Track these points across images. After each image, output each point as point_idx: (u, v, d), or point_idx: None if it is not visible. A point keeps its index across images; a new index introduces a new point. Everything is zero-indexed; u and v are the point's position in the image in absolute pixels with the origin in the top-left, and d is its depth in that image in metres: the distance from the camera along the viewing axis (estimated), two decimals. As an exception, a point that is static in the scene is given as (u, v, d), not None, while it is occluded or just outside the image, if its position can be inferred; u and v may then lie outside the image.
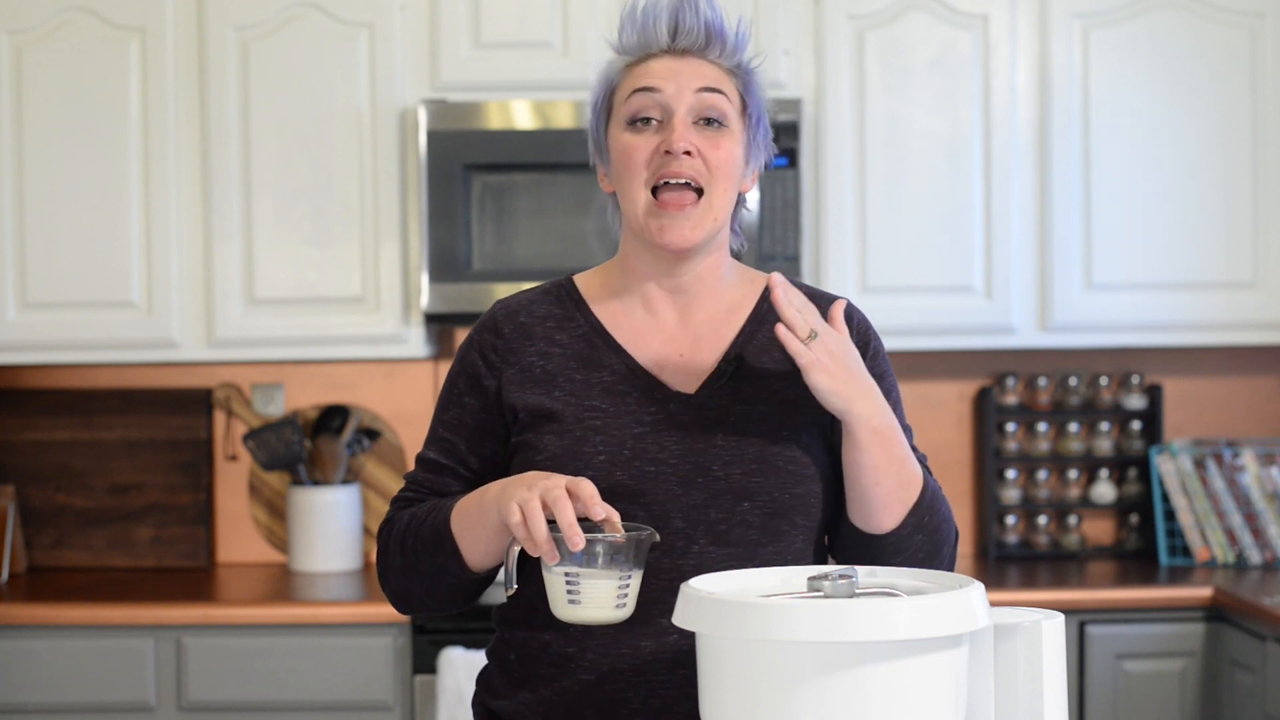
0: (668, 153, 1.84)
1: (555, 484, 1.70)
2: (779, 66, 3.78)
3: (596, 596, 1.70)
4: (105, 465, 4.11)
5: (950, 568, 1.90)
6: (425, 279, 3.70)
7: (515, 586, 1.76)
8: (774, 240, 3.69)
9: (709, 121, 1.87)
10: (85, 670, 3.56)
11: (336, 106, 3.77)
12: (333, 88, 3.77)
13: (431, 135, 3.69)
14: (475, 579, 1.88)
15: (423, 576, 1.90)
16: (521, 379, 1.91)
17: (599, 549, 1.69)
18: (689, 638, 1.80)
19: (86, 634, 3.56)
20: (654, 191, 1.86)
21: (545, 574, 1.72)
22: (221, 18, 3.77)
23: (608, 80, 1.92)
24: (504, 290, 3.69)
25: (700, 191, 1.86)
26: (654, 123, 1.87)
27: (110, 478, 4.11)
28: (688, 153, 1.84)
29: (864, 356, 1.92)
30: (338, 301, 3.79)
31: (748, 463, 1.85)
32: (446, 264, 3.70)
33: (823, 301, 1.97)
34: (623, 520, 1.73)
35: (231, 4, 3.77)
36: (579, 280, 1.99)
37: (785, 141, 3.70)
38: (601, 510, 1.69)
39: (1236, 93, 3.83)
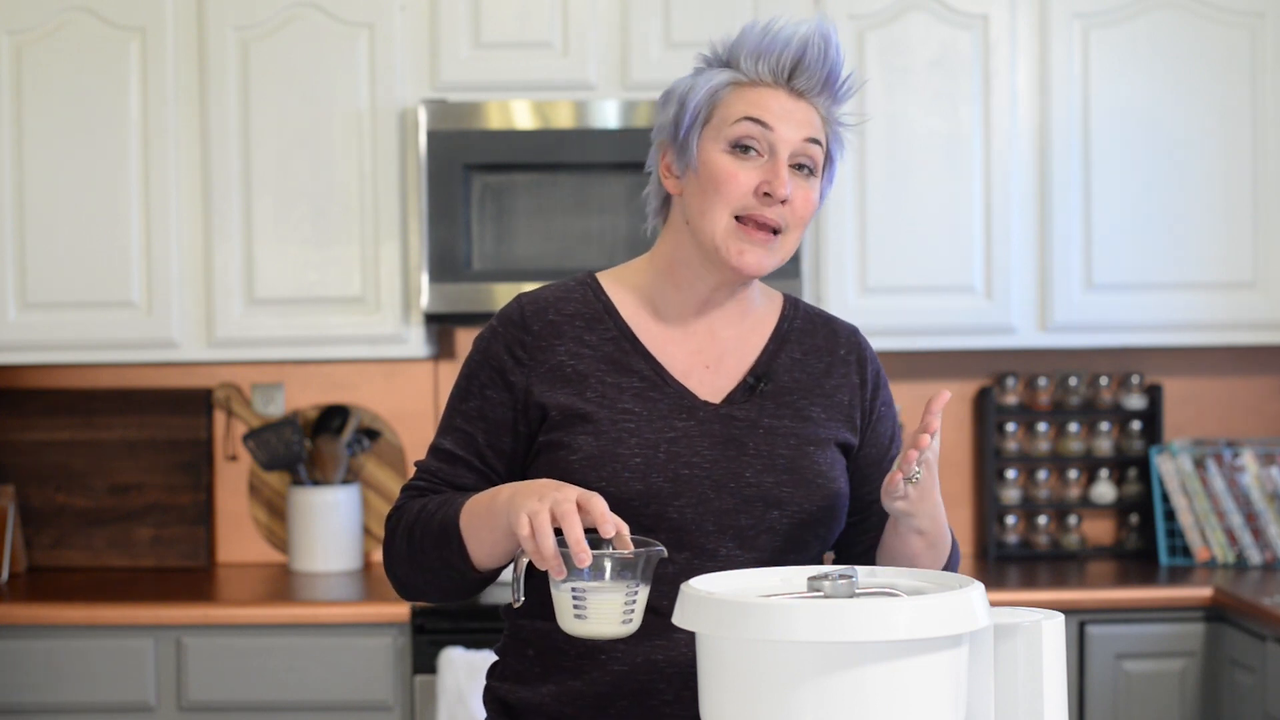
0: (767, 194, 1.86)
1: (566, 497, 1.70)
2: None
3: (603, 612, 1.70)
4: (105, 465, 4.12)
5: None
6: (425, 279, 3.70)
7: (521, 599, 1.76)
8: (774, 240, 3.69)
9: (800, 167, 1.89)
10: (85, 670, 3.56)
11: (336, 106, 3.77)
12: (333, 88, 3.77)
13: (431, 135, 3.69)
14: (480, 577, 1.88)
15: (427, 569, 1.89)
16: (552, 377, 1.91)
17: (606, 564, 1.69)
18: None
19: (86, 634, 3.56)
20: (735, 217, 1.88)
21: (552, 588, 1.72)
22: (221, 18, 3.77)
23: (713, 92, 1.90)
24: (504, 290, 3.69)
25: (778, 231, 1.88)
26: (753, 153, 1.87)
27: (110, 478, 4.11)
28: (784, 200, 1.86)
29: (877, 391, 2.00)
30: (338, 301, 3.79)
31: (779, 473, 1.89)
32: (446, 264, 3.70)
33: (835, 325, 2.02)
34: (633, 533, 1.73)
35: (231, 4, 3.77)
36: (604, 280, 1.98)
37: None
38: (611, 527, 1.69)
39: (1236, 93, 3.83)
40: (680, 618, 1.55)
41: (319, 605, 3.58)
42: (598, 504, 1.70)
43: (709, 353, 1.94)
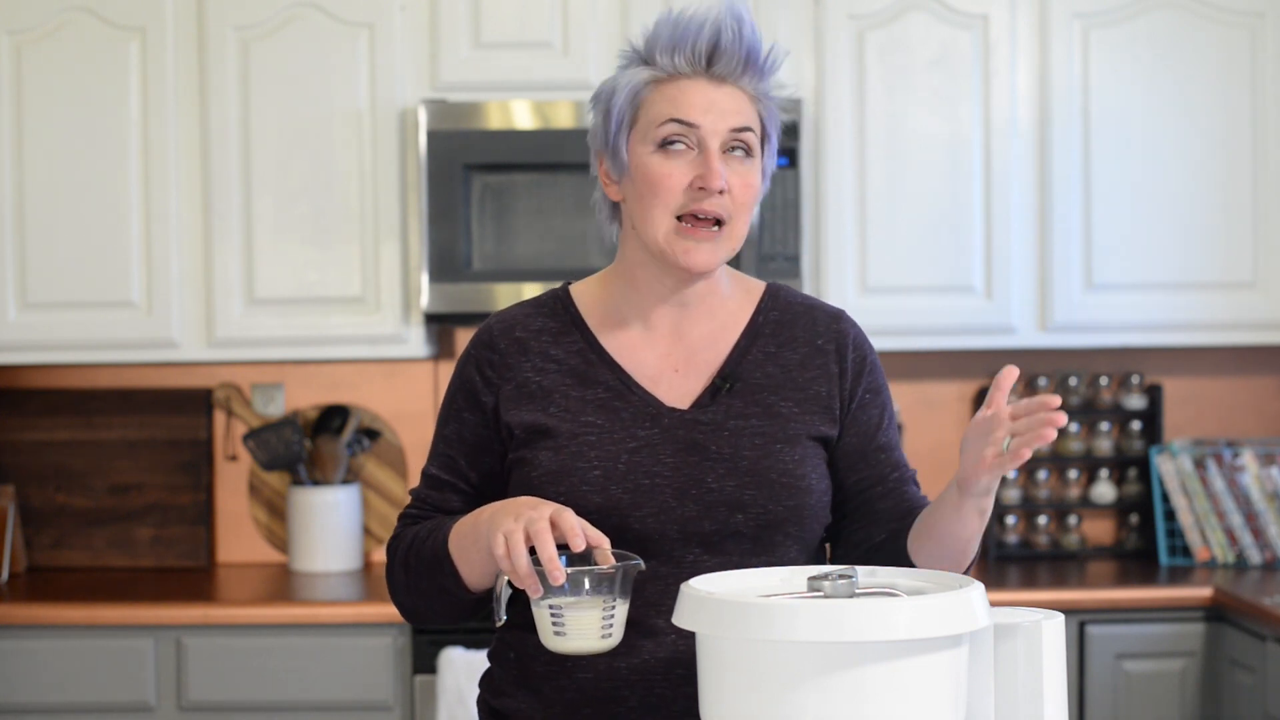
0: (702, 188, 1.83)
1: (539, 515, 1.71)
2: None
3: (581, 627, 1.71)
4: (105, 465, 4.11)
5: None
6: (425, 279, 3.70)
7: (504, 618, 1.78)
8: (774, 240, 3.69)
9: (733, 149, 1.86)
10: (85, 670, 3.56)
11: (336, 106, 3.77)
12: (333, 88, 3.77)
13: (431, 135, 3.69)
14: (476, 598, 1.90)
15: (426, 595, 1.92)
16: (517, 395, 1.92)
17: (582, 580, 1.70)
18: (686, 639, 1.82)
19: (86, 634, 3.56)
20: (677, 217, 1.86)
21: (532, 606, 1.73)
22: (221, 18, 3.77)
23: (634, 93, 1.88)
24: (504, 290, 3.69)
25: (722, 221, 1.86)
26: (683, 147, 1.85)
27: (110, 478, 4.11)
28: (721, 190, 1.83)
29: (862, 372, 1.95)
30: (338, 301, 3.79)
31: (741, 475, 1.87)
32: (446, 264, 3.70)
33: (816, 314, 1.98)
34: (613, 547, 1.74)
35: (231, 4, 3.77)
36: (575, 291, 1.98)
37: (785, 141, 3.69)
38: (581, 541, 1.70)
39: (1237, 93, 3.83)
40: (680, 618, 1.55)
41: (319, 605, 3.58)
42: (567, 519, 1.71)
43: (678, 356, 1.93)
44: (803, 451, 1.89)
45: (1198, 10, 3.82)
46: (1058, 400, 1.65)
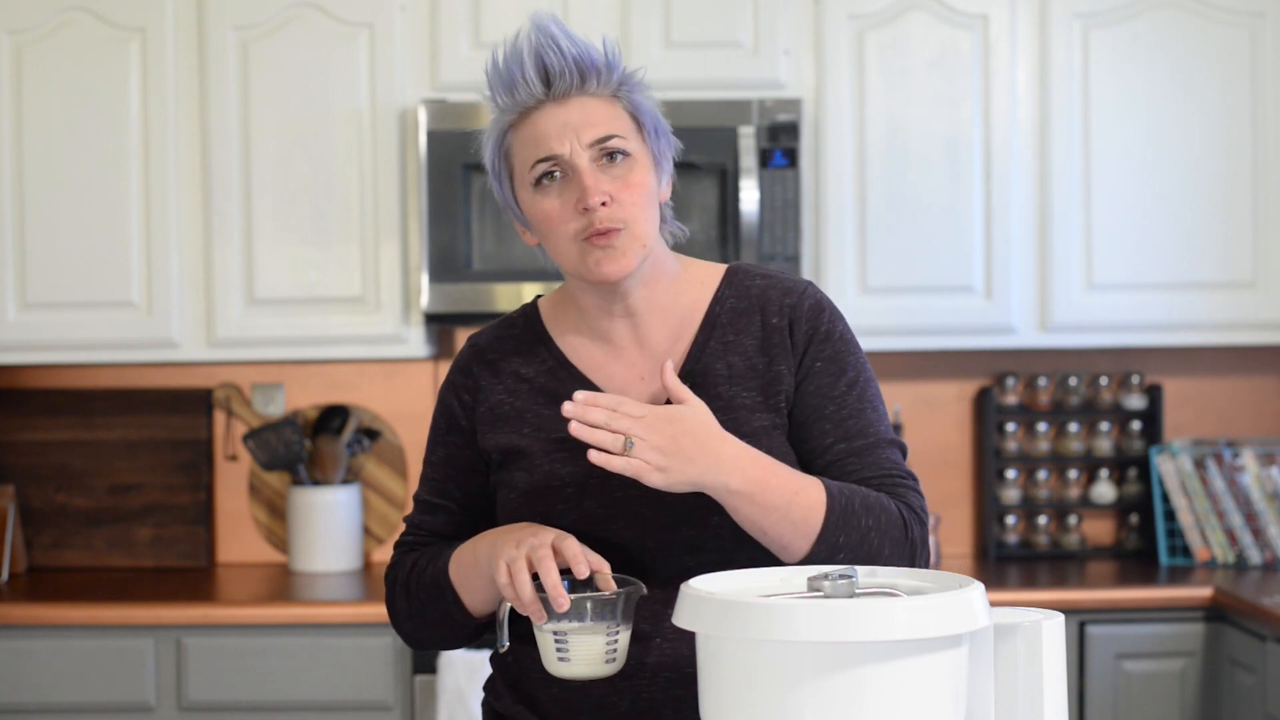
0: (585, 209, 1.82)
1: (541, 542, 1.73)
2: (779, 66, 3.78)
3: (585, 653, 1.72)
4: (105, 465, 4.11)
5: (913, 556, 1.84)
6: (425, 279, 3.70)
7: (506, 644, 1.80)
8: (774, 240, 3.69)
9: (611, 156, 1.85)
10: (85, 670, 3.56)
11: (336, 106, 3.77)
12: (333, 88, 3.77)
13: (431, 135, 3.69)
14: (481, 622, 1.92)
15: (430, 623, 1.94)
16: (492, 418, 1.93)
17: (586, 606, 1.71)
18: (671, 643, 1.84)
19: (86, 634, 3.56)
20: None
21: (535, 632, 1.74)
22: (221, 18, 3.77)
23: (498, 147, 1.90)
24: (504, 290, 3.69)
25: (622, 227, 1.84)
26: (558, 176, 1.85)
27: (110, 478, 4.11)
28: (604, 203, 1.83)
29: (811, 343, 1.90)
30: (338, 301, 3.79)
31: None
32: (446, 264, 3.70)
33: (771, 294, 1.93)
34: (613, 572, 1.75)
35: (231, 4, 3.77)
36: (544, 306, 1.99)
37: (785, 141, 3.70)
38: (584, 567, 1.71)
39: (1237, 93, 3.83)
40: (681, 618, 1.55)
41: (319, 605, 3.59)
42: (570, 546, 1.73)
43: (643, 364, 1.92)
44: (768, 442, 1.86)
45: (1198, 10, 3.82)
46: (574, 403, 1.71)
